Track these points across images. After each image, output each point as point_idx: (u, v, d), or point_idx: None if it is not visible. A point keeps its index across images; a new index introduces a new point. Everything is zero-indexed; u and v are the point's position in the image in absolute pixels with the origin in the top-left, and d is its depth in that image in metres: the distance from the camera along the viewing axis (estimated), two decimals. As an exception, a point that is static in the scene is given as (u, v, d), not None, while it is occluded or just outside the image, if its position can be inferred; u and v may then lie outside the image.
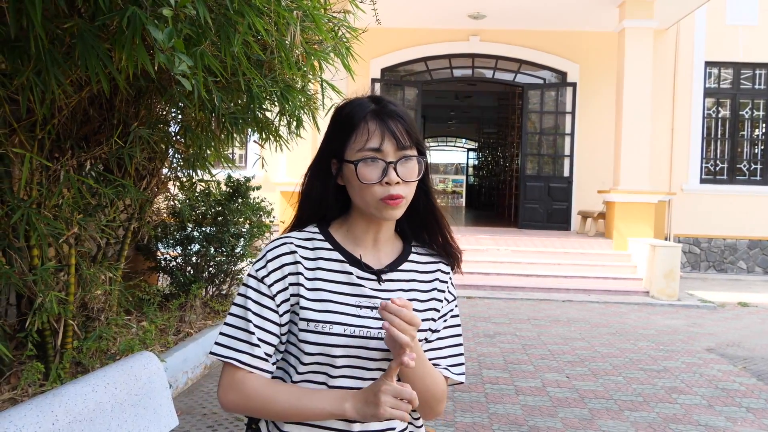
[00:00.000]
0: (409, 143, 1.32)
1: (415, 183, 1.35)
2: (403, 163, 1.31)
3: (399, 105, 1.38)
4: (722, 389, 5.05)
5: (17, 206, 3.10)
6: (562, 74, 12.81)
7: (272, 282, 1.33)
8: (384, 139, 1.30)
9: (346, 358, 1.31)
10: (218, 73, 2.71)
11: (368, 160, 1.30)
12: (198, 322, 5.39)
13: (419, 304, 1.39)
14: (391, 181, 1.29)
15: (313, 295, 1.32)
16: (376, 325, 1.31)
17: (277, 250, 1.35)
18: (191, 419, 4.07)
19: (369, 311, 1.32)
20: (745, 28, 12.37)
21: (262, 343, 1.31)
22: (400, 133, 1.31)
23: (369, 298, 1.34)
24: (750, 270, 12.39)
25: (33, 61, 2.52)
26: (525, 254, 10.19)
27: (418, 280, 1.42)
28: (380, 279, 1.36)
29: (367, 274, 1.36)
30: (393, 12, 11.31)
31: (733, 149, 12.70)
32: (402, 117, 1.34)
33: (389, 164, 1.30)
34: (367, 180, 1.30)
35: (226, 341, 1.32)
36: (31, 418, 1.86)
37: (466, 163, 33.66)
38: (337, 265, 1.35)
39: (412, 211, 1.41)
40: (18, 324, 3.78)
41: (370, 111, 1.33)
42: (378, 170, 1.30)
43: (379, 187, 1.30)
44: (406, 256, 1.43)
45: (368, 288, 1.35)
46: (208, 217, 6.00)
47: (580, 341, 6.57)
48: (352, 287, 1.34)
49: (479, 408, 4.45)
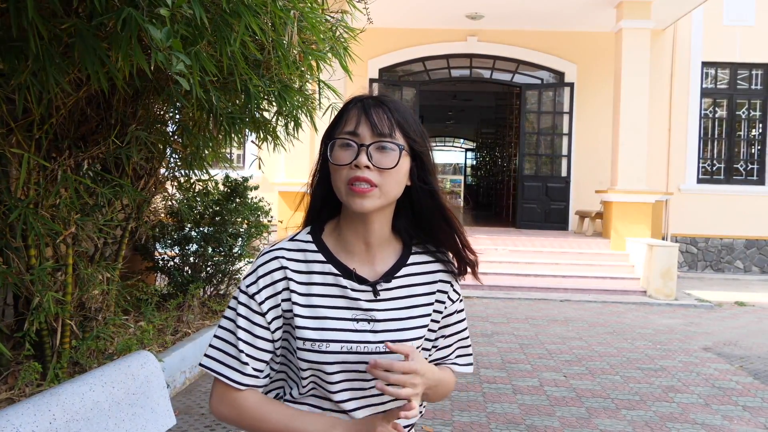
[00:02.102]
0: (389, 131, 1.27)
1: (394, 175, 1.27)
2: (377, 148, 1.26)
3: (396, 102, 1.34)
4: (719, 388, 5.06)
5: (14, 206, 3.10)
6: (559, 74, 12.82)
7: (263, 299, 1.30)
8: (360, 123, 1.27)
9: (342, 373, 1.29)
10: (214, 73, 2.71)
11: (343, 143, 1.27)
12: (196, 322, 5.39)
13: (419, 309, 1.36)
14: (360, 164, 1.24)
15: (308, 312, 1.29)
16: (374, 339, 1.29)
17: (268, 266, 1.32)
18: (189, 419, 4.07)
19: (366, 324, 1.29)
20: (742, 28, 12.39)
21: (251, 360, 1.29)
22: (379, 119, 1.27)
23: (365, 311, 1.30)
24: (747, 269, 12.41)
25: (30, 61, 2.52)
26: (523, 254, 10.20)
27: (419, 284, 1.37)
28: (375, 291, 1.32)
29: (362, 287, 1.31)
30: (391, 12, 11.32)
31: (730, 149, 12.72)
32: (389, 108, 1.30)
33: (361, 147, 1.25)
34: (338, 161, 1.26)
35: (216, 354, 1.31)
36: (28, 417, 1.86)
37: (464, 163, 33.68)
38: (331, 278, 1.31)
39: (413, 213, 1.37)
40: (15, 324, 3.79)
41: (358, 101, 1.32)
42: (351, 153, 1.26)
43: (349, 170, 1.25)
44: (404, 260, 1.37)
45: (363, 301, 1.31)
46: (206, 217, 6.00)
47: (577, 341, 6.58)
48: (347, 301, 1.30)
49: (477, 407, 4.46)
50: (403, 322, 1.33)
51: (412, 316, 1.34)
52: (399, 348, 1.22)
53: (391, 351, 1.23)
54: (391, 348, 1.21)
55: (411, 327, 1.34)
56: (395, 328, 1.32)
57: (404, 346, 1.23)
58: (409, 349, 1.23)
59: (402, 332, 1.32)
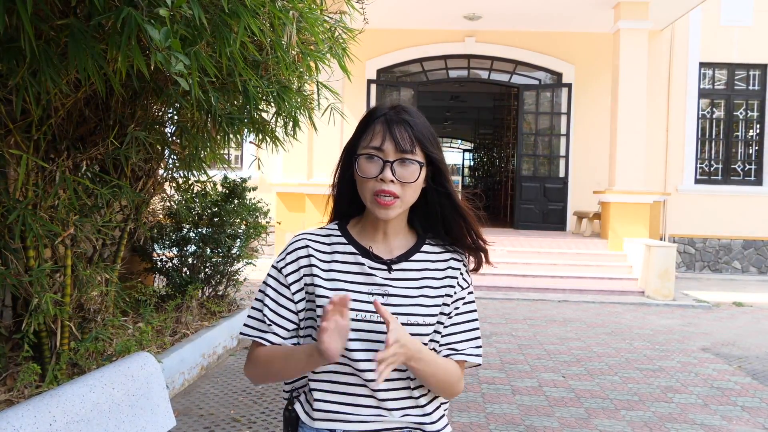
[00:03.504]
0: (410, 148, 1.43)
1: (414, 186, 1.45)
2: (400, 163, 1.43)
3: (417, 115, 1.49)
4: (717, 388, 5.07)
5: (13, 207, 3.10)
6: (557, 75, 12.83)
7: (288, 273, 1.50)
8: (385, 140, 1.43)
9: (360, 342, 1.42)
10: (213, 74, 2.71)
11: (369, 157, 1.44)
12: (194, 323, 5.39)
13: (431, 290, 1.49)
14: (385, 179, 1.41)
15: (329, 285, 1.46)
16: (388, 311, 1.40)
17: (294, 245, 1.53)
18: (188, 420, 4.06)
19: (380, 298, 1.45)
20: (740, 28, 12.41)
21: (273, 325, 1.48)
22: (402, 137, 1.43)
23: (380, 286, 1.47)
24: (745, 270, 12.43)
25: (28, 61, 2.51)
26: (521, 254, 10.21)
27: (431, 269, 1.52)
28: (390, 268, 1.49)
29: (377, 264, 1.49)
30: (388, 13, 11.31)
31: (727, 150, 12.74)
32: (410, 125, 1.45)
33: (386, 163, 1.42)
34: (364, 174, 1.43)
35: (249, 321, 1.52)
36: (28, 419, 1.86)
37: (462, 164, 33.69)
38: (351, 257, 1.50)
39: (430, 214, 1.54)
40: (14, 325, 3.78)
41: (382, 115, 1.47)
42: (376, 167, 1.43)
43: (375, 183, 1.42)
44: (418, 247, 1.54)
45: (379, 277, 1.47)
46: (204, 218, 5.99)
47: (576, 341, 6.58)
48: (364, 276, 1.47)
49: (476, 408, 4.46)
50: (415, 299, 1.47)
51: (424, 295, 1.48)
52: (382, 310, 1.32)
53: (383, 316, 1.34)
54: (377, 306, 1.33)
55: (423, 304, 1.47)
56: (408, 303, 1.46)
57: (386, 312, 1.33)
58: (390, 317, 1.33)
59: (414, 308, 1.46)
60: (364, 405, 1.44)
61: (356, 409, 1.44)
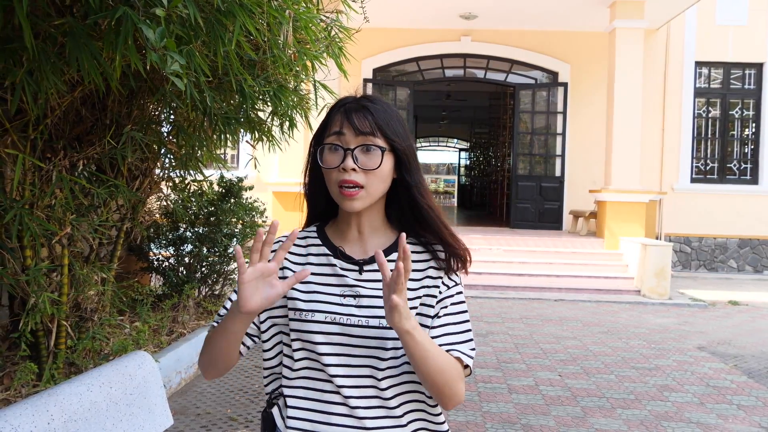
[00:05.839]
0: (370, 131, 1.37)
1: (379, 175, 1.38)
2: (363, 151, 1.37)
3: (380, 102, 1.43)
4: (713, 387, 5.09)
5: (10, 206, 3.09)
6: (553, 74, 12.85)
7: None
8: (343, 126, 1.38)
9: (328, 345, 1.37)
10: (208, 74, 2.71)
11: (331, 147, 1.38)
12: (191, 323, 5.39)
13: (408, 292, 1.39)
14: (347, 167, 1.35)
15: (301, 287, 1.41)
16: (359, 313, 1.37)
17: None
18: (185, 419, 4.06)
19: (352, 300, 1.39)
20: (735, 28, 12.45)
21: None
22: (361, 123, 1.37)
23: (351, 287, 1.40)
24: (740, 269, 12.47)
25: (26, 60, 2.51)
26: (517, 254, 10.23)
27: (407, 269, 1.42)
28: (361, 269, 1.43)
29: (350, 265, 1.43)
30: (384, 12, 11.31)
31: (723, 149, 12.78)
32: (370, 111, 1.39)
33: (346, 151, 1.36)
34: (327, 164, 1.39)
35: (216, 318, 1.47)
36: (26, 418, 1.86)
37: (458, 163, 33.72)
38: (324, 258, 1.45)
39: (399, 208, 1.47)
40: (11, 324, 3.78)
41: (344, 105, 1.42)
42: (338, 157, 1.37)
43: (338, 173, 1.37)
44: (395, 247, 1.44)
45: (351, 278, 1.41)
46: (200, 217, 5.99)
47: (572, 340, 6.60)
48: (336, 278, 1.42)
49: (472, 407, 4.47)
50: None
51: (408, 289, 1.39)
52: (382, 260, 1.24)
53: None
54: (377, 256, 1.24)
55: None
56: (380, 305, 1.37)
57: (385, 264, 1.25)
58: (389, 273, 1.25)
59: None
60: (337, 413, 1.37)
61: (329, 417, 1.37)
